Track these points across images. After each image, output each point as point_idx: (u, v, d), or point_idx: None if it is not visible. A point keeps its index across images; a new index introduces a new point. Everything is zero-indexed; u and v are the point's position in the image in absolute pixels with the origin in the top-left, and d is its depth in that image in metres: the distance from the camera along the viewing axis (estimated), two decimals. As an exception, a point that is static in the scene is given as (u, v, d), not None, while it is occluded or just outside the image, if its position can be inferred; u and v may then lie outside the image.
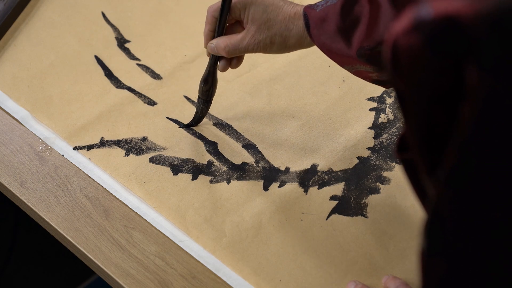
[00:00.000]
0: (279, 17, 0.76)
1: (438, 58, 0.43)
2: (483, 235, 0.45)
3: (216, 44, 0.80)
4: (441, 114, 0.46)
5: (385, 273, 0.74)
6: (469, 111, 0.43)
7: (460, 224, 0.45)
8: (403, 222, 0.78)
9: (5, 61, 0.98)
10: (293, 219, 0.79)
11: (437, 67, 0.44)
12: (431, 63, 0.44)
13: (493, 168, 0.43)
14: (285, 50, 0.78)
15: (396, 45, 0.46)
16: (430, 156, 0.48)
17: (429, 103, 0.46)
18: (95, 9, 1.05)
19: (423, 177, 0.51)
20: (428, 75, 0.45)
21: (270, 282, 0.74)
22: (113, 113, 0.91)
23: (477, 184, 0.44)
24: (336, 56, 0.75)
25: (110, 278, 0.76)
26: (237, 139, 0.88)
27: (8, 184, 0.84)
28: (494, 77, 0.41)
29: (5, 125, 0.91)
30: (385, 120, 0.88)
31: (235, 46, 0.79)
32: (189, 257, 0.77)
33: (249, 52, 0.79)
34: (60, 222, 0.81)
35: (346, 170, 0.83)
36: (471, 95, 0.42)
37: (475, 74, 0.41)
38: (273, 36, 0.77)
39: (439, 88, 0.45)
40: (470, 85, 0.42)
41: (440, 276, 0.48)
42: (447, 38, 0.43)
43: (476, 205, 0.44)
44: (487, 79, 0.41)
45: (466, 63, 0.42)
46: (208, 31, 0.81)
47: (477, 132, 0.43)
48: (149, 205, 0.81)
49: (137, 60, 0.98)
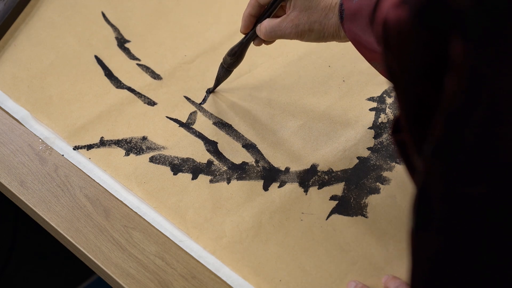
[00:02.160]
0: (321, 5, 0.77)
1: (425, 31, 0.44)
2: (471, 206, 0.45)
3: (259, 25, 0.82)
4: (429, 89, 0.46)
5: (385, 273, 0.74)
6: (454, 83, 0.43)
7: (447, 197, 0.45)
8: (403, 222, 0.78)
9: (5, 61, 0.98)
10: (293, 219, 0.79)
11: (424, 40, 0.45)
12: (418, 36, 0.45)
13: (479, 138, 0.43)
14: (322, 39, 0.78)
15: (386, 20, 0.46)
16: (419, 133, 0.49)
17: (417, 77, 0.47)
18: (95, 9, 1.05)
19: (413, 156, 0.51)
20: (416, 48, 0.45)
21: (270, 282, 0.74)
22: (113, 113, 0.91)
23: (464, 155, 0.44)
24: (365, 50, 0.74)
25: (110, 278, 0.76)
26: (237, 138, 0.88)
27: (8, 184, 0.84)
28: (478, 48, 0.41)
29: (5, 125, 0.91)
30: (385, 120, 0.88)
31: (273, 29, 0.80)
32: (189, 257, 0.77)
33: (285, 37, 0.80)
34: (60, 222, 0.81)
35: (346, 170, 0.83)
36: (456, 67, 0.43)
37: (459, 46, 0.42)
38: (312, 23, 0.77)
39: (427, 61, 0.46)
40: (455, 57, 0.43)
41: (431, 251, 0.48)
42: (433, 10, 0.43)
43: (462, 178, 0.44)
44: (472, 51, 0.42)
45: (452, 35, 0.43)
46: (248, 14, 0.82)
47: (463, 104, 0.43)
48: (149, 205, 0.81)
49: (137, 60, 0.98)
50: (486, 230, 0.45)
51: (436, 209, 0.46)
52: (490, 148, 0.43)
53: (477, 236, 0.45)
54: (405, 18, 0.45)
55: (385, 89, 0.92)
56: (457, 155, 0.44)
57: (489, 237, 0.45)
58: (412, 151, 0.51)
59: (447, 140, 0.44)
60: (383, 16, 0.47)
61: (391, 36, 0.47)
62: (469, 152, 0.44)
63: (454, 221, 0.46)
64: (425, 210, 0.47)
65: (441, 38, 0.43)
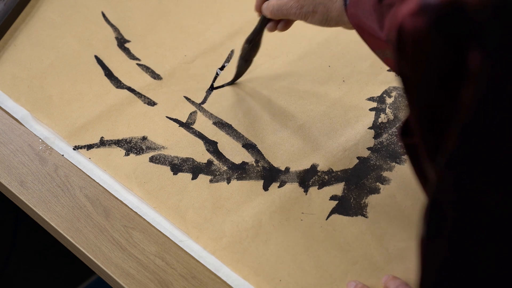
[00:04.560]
0: None
1: (443, 41, 0.44)
2: (483, 218, 0.45)
3: (266, 3, 0.84)
4: (444, 98, 0.46)
5: (385, 273, 0.74)
6: (471, 94, 0.43)
7: (460, 207, 0.45)
8: (403, 222, 0.78)
9: (5, 61, 0.98)
10: (293, 219, 0.79)
11: (441, 50, 0.44)
12: (435, 46, 0.45)
13: (493, 151, 0.43)
14: (326, 23, 0.79)
15: (402, 27, 0.46)
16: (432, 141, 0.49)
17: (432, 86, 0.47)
18: (95, 9, 1.05)
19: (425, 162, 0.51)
20: (432, 58, 0.45)
21: (270, 282, 0.74)
22: (113, 113, 0.91)
23: (478, 167, 0.44)
24: (368, 36, 0.74)
25: (110, 278, 0.76)
26: (237, 138, 0.88)
27: (8, 184, 0.84)
28: (496, 60, 0.41)
29: (5, 125, 0.91)
30: (385, 120, 0.88)
31: (279, 7, 0.82)
32: (189, 257, 0.77)
33: (290, 16, 0.82)
34: (60, 222, 0.81)
35: (346, 170, 0.83)
36: (473, 79, 0.43)
37: (477, 58, 0.42)
38: (317, 5, 0.78)
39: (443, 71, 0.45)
40: (472, 68, 0.42)
41: (442, 259, 0.48)
42: (451, 21, 0.43)
43: (477, 188, 0.44)
44: (490, 63, 0.41)
45: (469, 46, 0.42)
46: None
47: (479, 116, 0.43)
48: (149, 205, 0.81)
49: (137, 60, 0.98)
50: (499, 239, 0.45)
51: (449, 217, 0.46)
52: (506, 159, 0.43)
53: (490, 245, 0.45)
54: (423, 28, 0.45)
55: (385, 89, 0.92)
56: (472, 165, 0.44)
57: (502, 246, 0.45)
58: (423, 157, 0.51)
59: (461, 151, 0.44)
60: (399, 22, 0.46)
61: (407, 44, 0.46)
62: (484, 162, 0.43)
63: (467, 230, 0.46)
64: (437, 218, 0.47)
65: (459, 49, 0.43)
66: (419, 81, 0.47)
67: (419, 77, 0.47)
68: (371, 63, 0.94)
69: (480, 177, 0.44)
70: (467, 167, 0.44)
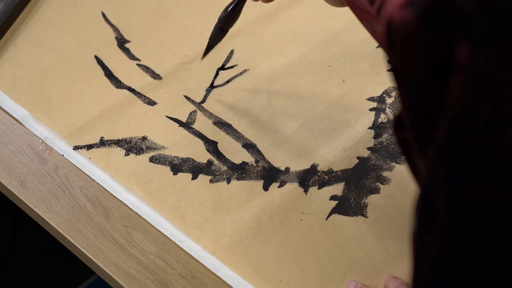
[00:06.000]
0: None
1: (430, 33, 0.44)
2: (474, 211, 0.45)
3: None
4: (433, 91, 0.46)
5: (385, 273, 0.74)
6: (459, 87, 0.43)
7: (451, 200, 0.45)
8: (403, 222, 0.78)
9: (5, 61, 0.98)
10: (293, 219, 0.79)
11: (430, 43, 0.44)
12: (424, 38, 0.45)
13: (482, 143, 0.43)
14: None
15: (391, 20, 0.46)
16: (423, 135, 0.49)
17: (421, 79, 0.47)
18: (95, 9, 1.05)
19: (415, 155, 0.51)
20: (421, 50, 0.45)
21: (270, 282, 0.74)
22: (113, 113, 0.91)
23: (468, 159, 0.44)
24: (357, 9, 0.74)
25: (110, 278, 0.76)
26: (237, 138, 0.88)
27: (8, 184, 0.84)
28: (484, 52, 0.41)
29: (5, 125, 0.91)
30: (385, 120, 0.88)
31: None
32: (189, 257, 0.77)
33: None
34: (60, 222, 0.81)
35: (346, 170, 0.83)
36: (461, 71, 0.43)
37: (465, 50, 0.42)
38: None
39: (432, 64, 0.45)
40: (460, 61, 0.43)
41: (434, 253, 0.48)
42: (439, 13, 0.43)
43: (467, 181, 0.44)
44: (478, 54, 0.42)
45: (457, 38, 0.42)
46: None
47: (467, 108, 0.43)
48: (149, 205, 0.81)
49: (137, 60, 0.98)
50: (490, 232, 0.45)
51: (440, 211, 0.46)
52: (495, 151, 0.43)
53: (482, 238, 0.45)
54: (411, 20, 0.45)
55: (385, 89, 0.92)
56: (462, 158, 0.44)
57: (493, 240, 0.45)
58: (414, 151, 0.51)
59: (451, 143, 0.44)
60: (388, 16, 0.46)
61: (396, 38, 0.46)
62: (474, 155, 0.44)
63: (458, 224, 0.45)
64: (429, 212, 0.47)
65: (447, 41, 0.43)
66: (408, 74, 0.48)
67: (408, 70, 0.47)
68: (371, 63, 0.94)
69: (470, 170, 0.44)
70: (457, 160, 0.44)
